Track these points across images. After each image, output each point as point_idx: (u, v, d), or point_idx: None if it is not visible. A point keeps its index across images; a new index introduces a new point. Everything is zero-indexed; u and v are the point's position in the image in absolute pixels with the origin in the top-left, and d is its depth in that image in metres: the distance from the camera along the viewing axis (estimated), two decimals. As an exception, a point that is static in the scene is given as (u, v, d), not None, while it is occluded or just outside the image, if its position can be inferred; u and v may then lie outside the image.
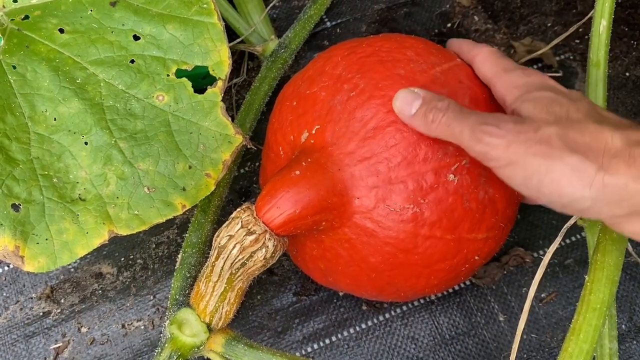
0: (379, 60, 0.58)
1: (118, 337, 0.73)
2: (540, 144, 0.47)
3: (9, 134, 0.58)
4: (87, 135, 0.59)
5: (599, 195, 0.46)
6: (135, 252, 0.78)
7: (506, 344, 0.72)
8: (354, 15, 0.92)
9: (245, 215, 0.55)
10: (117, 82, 0.60)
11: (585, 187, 0.46)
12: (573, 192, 0.47)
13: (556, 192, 0.47)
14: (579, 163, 0.46)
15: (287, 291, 0.75)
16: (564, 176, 0.46)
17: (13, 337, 0.73)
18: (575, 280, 0.75)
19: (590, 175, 0.46)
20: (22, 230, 0.57)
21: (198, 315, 0.59)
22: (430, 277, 0.59)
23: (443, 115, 0.51)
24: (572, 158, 0.46)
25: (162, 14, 0.61)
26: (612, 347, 0.58)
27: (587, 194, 0.46)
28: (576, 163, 0.46)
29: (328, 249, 0.59)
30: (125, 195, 0.58)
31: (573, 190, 0.46)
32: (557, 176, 0.47)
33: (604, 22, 0.61)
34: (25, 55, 0.60)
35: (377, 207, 0.55)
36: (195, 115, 0.60)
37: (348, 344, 0.72)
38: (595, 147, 0.47)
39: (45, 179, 0.58)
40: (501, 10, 0.92)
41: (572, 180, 0.46)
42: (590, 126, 0.48)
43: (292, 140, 0.60)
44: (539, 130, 0.48)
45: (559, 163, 0.47)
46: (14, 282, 0.76)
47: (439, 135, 0.52)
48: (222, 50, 0.60)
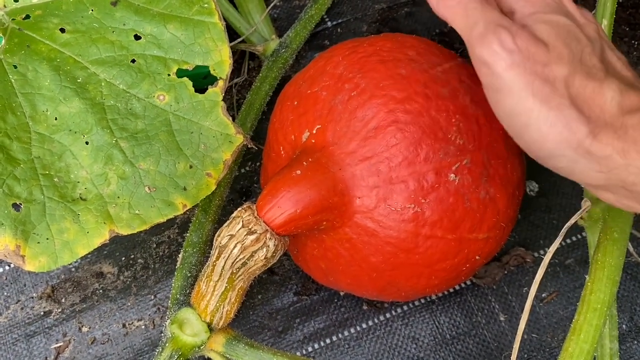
0: (380, 59, 0.58)
1: (119, 336, 0.73)
2: (544, 83, 0.43)
3: (10, 134, 0.58)
4: (88, 134, 0.59)
5: (579, 159, 0.43)
6: (136, 252, 0.78)
7: (507, 344, 0.72)
8: (355, 15, 0.92)
9: (246, 214, 0.55)
10: (118, 81, 0.60)
11: (569, 147, 0.43)
12: (555, 148, 0.43)
13: (538, 142, 0.44)
14: (573, 120, 0.42)
15: (287, 291, 0.75)
16: (553, 130, 0.43)
17: (14, 336, 0.73)
18: (575, 280, 0.75)
19: (579, 138, 0.42)
20: (23, 229, 0.57)
21: (199, 315, 0.59)
22: (431, 277, 0.59)
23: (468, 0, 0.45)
24: (570, 112, 0.42)
25: (163, 14, 0.61)
26: (613, 347, 0.58)
27: (567, 154, 0.43)
28: (570, 119, 0.42)
29: (329, 249, 0.59)
30: (126, 195, 0.58)
31: (556, 146, 0.43)
32: (546, 127, 0.43)
33: (605, 21, 0.61)
34: (26, 55, 0.60)
35: (378, 207, 0.55)
36: (196, 114, 0.60)
37: (349, 344, 0.72)
38: (592, 105, 0.43)
39: (46, 179, 0.58)
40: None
41: (560, 137, 0.43)
42: (596, 79, 0.44)
43: (293, 140, 0.60)
44: (548, 65, 0.43)
45: (556, 112, 0.43)
46: (15, 282, 0.76)
47: (449, 16, 0.46)
48: (223, 50, 0.61)
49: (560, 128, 0.43)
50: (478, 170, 0.56)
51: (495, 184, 0.57)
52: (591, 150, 0.43)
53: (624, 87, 0.44)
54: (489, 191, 0.57)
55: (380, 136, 0.55)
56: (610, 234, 0.57)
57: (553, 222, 0.77)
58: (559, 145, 0.43)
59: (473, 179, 0.56)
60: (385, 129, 0.55)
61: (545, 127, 0.43)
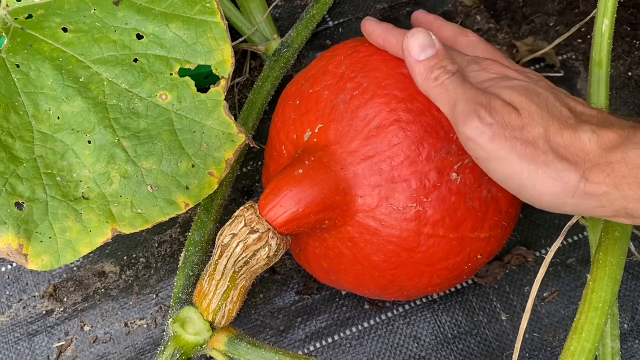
0: (381, 59, 0.58)
1: (121, 335, 0.73)
2: (526, 145, 0.46)
3: (13, 133, 0.59)
4: (91, 133, 0.59)
5: (581, 202, 0.46)
6: (138, 251, 0.78)
7: (508, 343, 0.72)
8: (357, 15, 0.93)
9: (248, 213, 0.55)
10: (120, 80, 0.60)
11: (566, 195, 0.46)
12: (554, 199, 0.47)
13: (537, 198, 0.47)
14: (563, 171, 0.45)
15: (289, 290, 0.76)
16: (547, 184, 0.46)
17: (16, 335, 0.74)
18: (577, 280, 0.75)
19: (573, 186, 0.45)
20: (26, 228, 0.57)
21: (201, 314, 0.59)
22: (432, 276, 0.59)
23: (447, 78, 0.50)
24: (557, 164, 0.45)
25: (165, 13, 0.61)
26: (614, 346, 0.58)
27: (568, 201, 0.46)
28: (560, 171, 0.45)
29: (331, 248, 0.59)
30: (129, 194, 0.58)
31: (554, 198, 0.46)
32: (539, 183, 0.46)
33: (607, 21, 0.61)
34: (29, 54, 0.60)
35: (380, 206, 0.55)
36: (199, 114, 0.60)
37: (350, 343, 0.73)
38: (574, 151, 0.46)
39: (49, 178, 0.58)
40: (503, 10, 0.92)
41: (555, 189, 0.46)
42: (569, 125, 0.47)
43: (295, 139, 0.60)
44: (525, 129, 0.46)
45: (544, 169, 0.46)
46: (17, 281, 0.76)
47: (433, 95, 0.51)
48: (225, 49, 0.61)
49: (553, 181, 0.46)
50: (479, 169, 0.56)
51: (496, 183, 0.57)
52: (587, 191, 0.45)
53: (596, 127, 0.47)
54: (491, 190, 0.57)
55: (382, 135, 0.55)
56: (612, 233, 0.57)
57: (554, 222, 0.78)
58: (557, 197, 0.46)
59: (475, 178, 0.56)
60: (387, 128, 0.55)
61: (539, 184, 0.46)
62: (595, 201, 0.46)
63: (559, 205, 0.47)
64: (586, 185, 0.45)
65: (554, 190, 0.46)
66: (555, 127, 0.47)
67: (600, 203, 0.46)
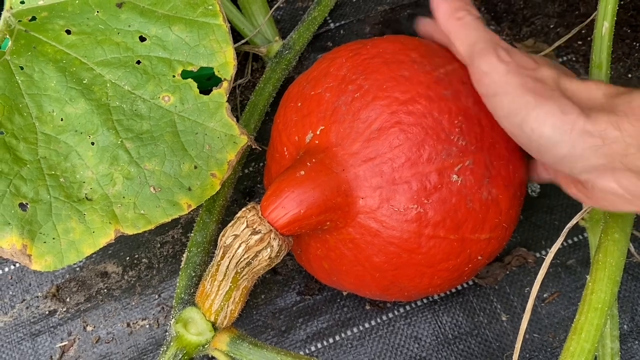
0: (383, 61, 0.59)
1: (123, 335, 0.74)
2: (536, 82, 0.49)
3: (17, 134, 0.59)
4: (94, 135, 0.60)
5: (578, 141, 0.47)
6: (141, 252, 0.78)
7: (509, 344, 0.72)
8: (358, 17, 0.93)
9: (250, 214, 0.55)
10: (124, 82, 0.61)
11: (566, 130, 0.47)
12: (554, 133, 0.47)
13: (537, 132, 0.48)
14: (565, 106, 0.47)
15: (291, 291, 0.76)
16: (549, 116, 0.47)
17: (19, 335, 0.74)
18: (577, 281, 0.75)
19: (573, 119, 0.46)
20: (30, 229, 0.58)
21: (203, 314, 0.60)
22: (433, 277, 0.59)
23: (471, 19, 0.53)
24: (562, 100, 0.47)
25: (168, 16, 0.61)
26: (614, 346, 0.58)
27: (566, 138, 0.47)
28: (563, 105, 0.47)
29: (332, 249, 0.60)
30: (132, 195, 0.59)
31: (554, 131, 0.47)
32: (542, 115, 0.47)
33: (607, 24, 0.61)
34: (33, 56, 0.61)
35: (381, 207, 0.55)
36: (201, 115, 0.60)
37: (351, 343, 0.73)
38: (580, 96, 0.48)
39: (52, 179, 0.59)
40: (504, 12, 0.92)
41: (556, 122, 0.47)
42: (572, 77, 0.51)
43: (297, 141, 0.61)
44: (538, 69, 0.50)
45: (549, 102, 0.47)
46: (20, 281, 0.77)
47: (453, 33, 0.54)
48: (228, 52, 0.61)
49: (556, 113, 0.47)
50: (480, 171, 0.56)
51: (497, 184, 0.57)
52: (586, 128, 0.46)
53: (605, 84, 0.50)
54: (491, 192, 0.57)
55: (384, 137, 0.55)
56: (611, 235, 0.57)
57: (554, 223, 0.78)
58: (557, 129, 0.47)
59: (475, 179, 0.56)
60: (389, 130, 0.55)
61: (542, 114, 0.47)
62: (592, 139, 0.46)
63: (556, 142, 0.47)
64: (586, 122, 0.46)
65: (553, 122, 0.47)
66: (566, 77, 0.50)
67: (596, 143, 0.46)
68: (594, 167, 0.48)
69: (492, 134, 0.57)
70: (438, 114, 0.55)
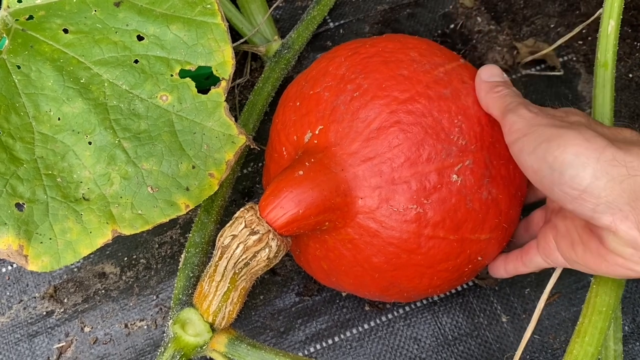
0: (382, 60, 0.58)
1: (121, 336, 0.73)
2: (562, 121, 0.49)
3: (13, 134, 0.59)
4: (91, 135, 0.59)
5: (602, 171, 0.45)
6: (138, 252, 0.78)
7: (509, 345, 0.72)
8: (357, 16, 0.93)
9: (248, 215, 0.55)
10: (121, 82, 0.60)
11: (591, 157, 0.45)
12: (576, 160, 0.45)
13: (560, 160, 0.46)
14: (591, 136, 0.46)
15: (289, 291, 0.75)
16: (573, 142, 0.46)
17: (16, 336, 0.73)
18: (578, 282, 0.75)
19: (599, 148, 0.45)
20: (26, 229, 0.57)
21: (201, 315, 0.59)
22: (433, 278, 0.59)
23: (508, 93, 0.55)
24: (588, 131, 0.47)
25: (166, 15, 0.61)
26: (617, 349, 0.58)
27: (590, 166, 0.45)
28: (588, 135, 0.46)
29: (331, 249, 0.59)
30: (129, 195, 0.58)
31: (577, 158, 0.45)
32: (565, 142, 0.46)
33: (612, 22, 0.60)
34: (30, 55, 0.60)
35: (380, 208, 0.55)
36: (199, 115, 0.60)
37: (351, 345, 0.72)
38: (611, 135, 0.48)
39: (49, 179, 0.58)
40: (504, 12, 0.92)
41: (579, 149, 0.45)
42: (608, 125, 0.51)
43: (296, 141, 0.60)
44: (566, 117, 0.51)
45: (573, 131, 0.47)
46: (18, 282, 0.76)
47: (491, 103, 0.56)
48: (226, 51, 0.61)
49: (579, 140, 0.46)
50: (480, 171, 0.56)
51: (497, 184, 0.57)
52: (616, 156, 0.45)
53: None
54: (491, 192, 0.57)
55: (383, 137, 0.55)
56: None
57: (555, 223, 0.77)
58: (580, 157, 0.46)
59: (475, 179, 0.56)
60: (388, 129, 0.55)
61: (564, 141, 0.46)
62: (619, 169, 0.44)
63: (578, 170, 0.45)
64: (616, 152, 0.45)
65: (576, 149, 0.46)
66: (593, 122, 0.52)
67: (623, 172, 0.44)
68: (617, 205, 0.45)
69: (491, 134, 0.57)
70: (438, 113, 0.55)
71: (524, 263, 0.62)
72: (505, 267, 0.64)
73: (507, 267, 0.64)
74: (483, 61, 0.88)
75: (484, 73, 0.59)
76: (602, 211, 0.46)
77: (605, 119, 0.61)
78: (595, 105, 0.62)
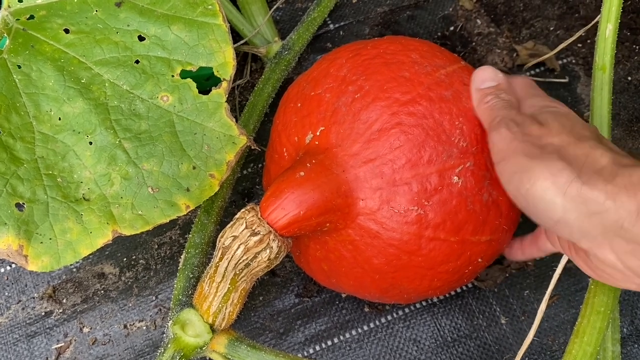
0: (383, 62, 0.58)
1: (120, 337, 0.73)
2: (534, 147, 0.48)
3: (14, 133, 0.58)
4: (92, 135, 0.59)
5: (571, 206, 0.45)
6: (138, 253, 0.78)
7: (508, 347, 0.72)
8: (357, 18, 0.93)
9: (249, 216, 0.55)
10: (122, 82, 0.60)
11: (558, 192, 0.45)
12: (545, 195, 0.46)
13: (531, 194, 0.47)
14: (559, 169, 0.46)
15: (289, 293, 0.75)
16: (540, 177, 0.46)
17: (15, 336, 0.73)
18: (577, 284, 0.75)
19: (565, 182, 0.45)
20: (26, 229, 0.57)
21: (201, 316, 0.59)
22: (433, 279, 0.59)
23: (496, 102, 0.55)
24: (555, 163, 0.46)
25: (167, 15, 0.61)
26: (615, 349, 0.58)
27: (559, 201, 0.45)
28: (556, 168, 0.46)
29: (332, 250, 0.59)
30: (129, 196, 0.58)
31: (545, 193, 0.46)
32: (534, 176, 0.46)
33: (610, 26, 0.61)
34: (31, 55, 0.60)
35: (381, 209, 0.55)
36: (200, 116, 0.60)
37: (350, 346, 0.72)
38: (582, 159, 0.46)
39: (50, 179, 0.58)
40: (504, 14, 0.92)
41: (547, 184, 0.46)
42: (588, 142, 0.48)
43: (297, 142, 0.60)
44: (542, 138, 0.49)
45: (541, 164, 0.47)
46: (16, 282, 0.76)
47: (480, 114, 0.56)
48: (227, 52, 0.61)
49: (547, 175, 0.46)
50: (481, 172, 0.56)
51: (498, 186, 0.57)
52: (581, 192, 0.45)
53: (618, 151, 0.48)
54: (492, 194, 0.57)
55: (384, 138, 0.55)
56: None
57: (554, 226, 0.78)
58: (549, 191, 0.46)
59: (476, 181, 0.56)
60: (389, 131, 0.55)
61: (534, 176, 0.47)
62: (586, 207, 0.45)
63: (550, 206, 0.46)
64: (582, 187, 0.45)
65: (542, 183, 0.46)
66: (572, 140, 0.49)
67: (591, 210, 0.45)
68: (591, 235, 0.46)
69: (493, 136, 0.57)
70: (439, 115, 0.55)
71: (538, 248, 0.63)
72: (522, 251, 0.65)
73: (524, 251, 0.65)
74: (483, 64, 0.88)
75: (476, 79, 0.58)
76: (578, 238, 0.47)
77: (603, 121, 0.62)
78: (593, 108, 0.63)
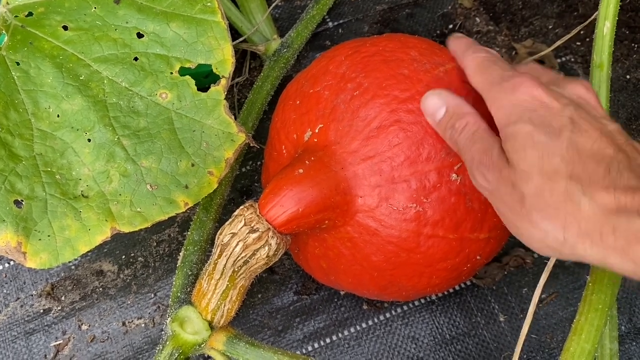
0: (382, 59, 0.58)
1: (118, 334, 0.73)
2: (513, 202, 0.46)
3: (12, 130, 0.58)
4: (90, 132, 0.59)
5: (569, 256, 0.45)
6: (136, 250, 0.78)
7: (506, 344, 0.72)
8: (356, 16, 0.93)
9: (248, 213, 0.55)
10: (121, 79, 0.60)
11: (554, 250, 0.45)
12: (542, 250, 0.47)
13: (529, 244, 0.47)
14: (545, 232, 0.44)
15: (288, 290, 0.75)
16: (533, 238, 0.46)
17: (13, 334, 0.73)
18: (575, 282, 0.75)
19: (557, 245, 0.44)
20: (25, 226, 0.57)
21: (200, 313, 0.59)
22: (432, 277, 0.59)
23: (457, 137, 0.52)
24: (542, 224, 0.44)
25: (166, 12, 0.61)
26: (613, 347, 0.58)
27: (556, 254, 0.46)
28: (543, 231, 0.45)
29: (330, 248, 0.59)
30: (128, 193, 0.58)
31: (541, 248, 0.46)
32: (525, 233, 0.46)
33: (608, 23, 0.61)
34: (29, 52, 0.60)
35: (380, 206, 0.55)
36: (199, 113, 0.60)
37: (348, 343, 0.73)
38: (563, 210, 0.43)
39: (48, 176, 0.58)
40: (503, 12, 0.92)
41: (542, 246, 0.46)
42: (561, 183, 0.44)
43: (295, 139, 0.60)
44: (515, 187, 0.46)
45: (528, 225, 0.46)
46: (15, 279, 0.76)
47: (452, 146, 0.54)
48: (226, 49, 0.61)
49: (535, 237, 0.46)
50: (479, 170, 0.56)
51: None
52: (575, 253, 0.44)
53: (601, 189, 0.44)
54: (491, 191, 0.57)
55: (383, 136, 0.55)
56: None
57: (553, 224, 0.78)
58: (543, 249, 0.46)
59: (475, 179, 0.56)
60: (388, 128, 0.55)
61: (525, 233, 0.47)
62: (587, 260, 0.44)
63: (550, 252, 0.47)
64: (575, 249, 0.44)
65: (540, 245, 0.46)
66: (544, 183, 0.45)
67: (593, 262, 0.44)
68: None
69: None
70: (438, 112, 0.55)
71: None
72: None
73: None
74: (481, 61, 0.88)
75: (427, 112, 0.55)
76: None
77: (602, 119, 0.61)
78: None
